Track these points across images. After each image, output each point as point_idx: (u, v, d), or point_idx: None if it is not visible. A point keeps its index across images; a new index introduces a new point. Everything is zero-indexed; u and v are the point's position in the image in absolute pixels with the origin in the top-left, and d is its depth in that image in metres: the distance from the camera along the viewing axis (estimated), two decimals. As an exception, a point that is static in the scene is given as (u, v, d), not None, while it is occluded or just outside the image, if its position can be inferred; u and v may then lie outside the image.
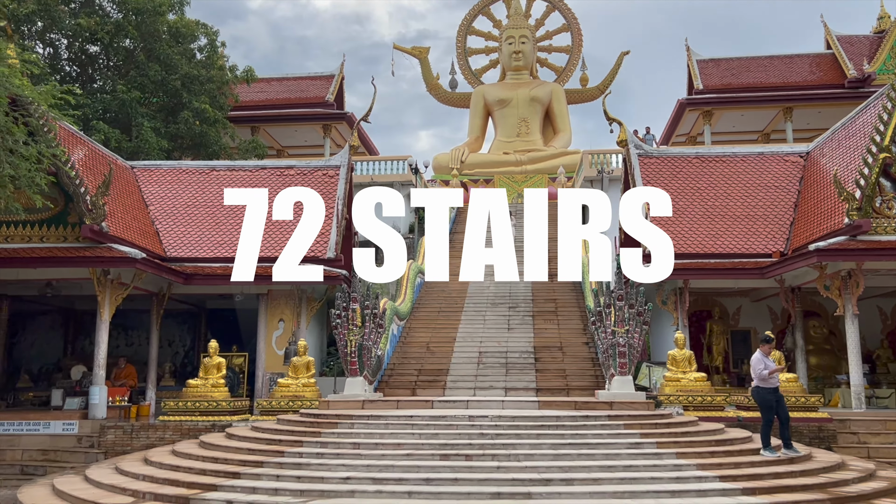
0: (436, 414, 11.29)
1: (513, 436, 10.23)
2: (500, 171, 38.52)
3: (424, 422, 10.83)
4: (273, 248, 18.83)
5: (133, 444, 14.24)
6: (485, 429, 10.48)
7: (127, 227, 17.38)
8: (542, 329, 19.01)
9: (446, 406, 12.98)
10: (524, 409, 12.78)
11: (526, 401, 13.51)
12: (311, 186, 20.76)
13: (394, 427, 10.74)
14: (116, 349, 21.95)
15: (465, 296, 21.67)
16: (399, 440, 10.15)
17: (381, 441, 10.12)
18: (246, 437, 11.38)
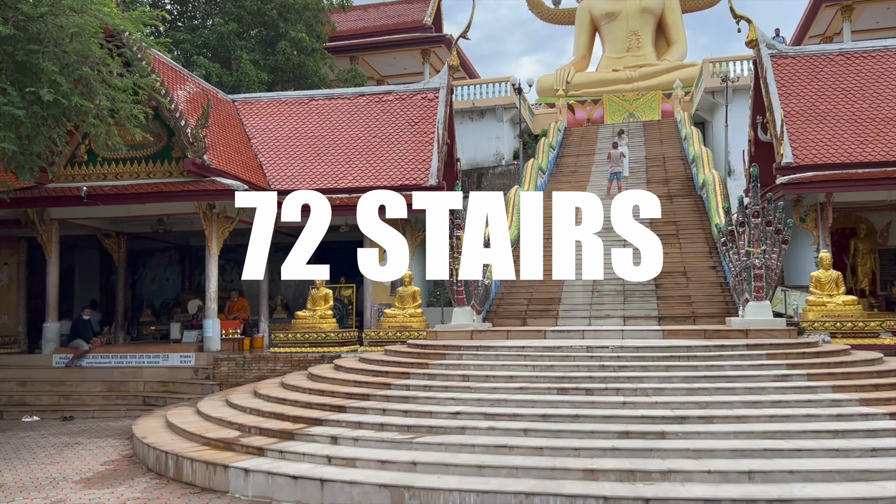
0: (550, 344, 10.41)
1: (638, 368, 9.22)
2: (609, 90, 36.36)
3: (538, 353, 9.98)
4: (369, 177, 18.28)
5: (245, 375, 14.30)
6: (605, 360, 9.52)
7: (230, 161, 17.22)
8: (663, 254, 17.55)
9: (560, 336, 12.08)
10: (647, 339, 11.67)
11: (648, 330, 12.38)
12: (410, 111, 19.91)
13: (505, 358, 9.98)
14: (231, 283, 22.40)
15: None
16: (511, 372, 9.38)
17: (491, 373, 9.38)
18: (352, 369, 10.97)
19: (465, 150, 29.19)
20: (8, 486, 8.08)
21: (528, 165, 23.94)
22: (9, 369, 15.93)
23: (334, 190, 18.17)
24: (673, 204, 21.07)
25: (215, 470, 7.56)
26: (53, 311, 16.65)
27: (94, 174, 16.45)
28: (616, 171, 22.41)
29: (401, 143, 19.12)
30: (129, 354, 15.91)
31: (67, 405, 14.62)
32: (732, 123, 25.77)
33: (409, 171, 18.32)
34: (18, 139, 12.02)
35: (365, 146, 19.23)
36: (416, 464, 6.97)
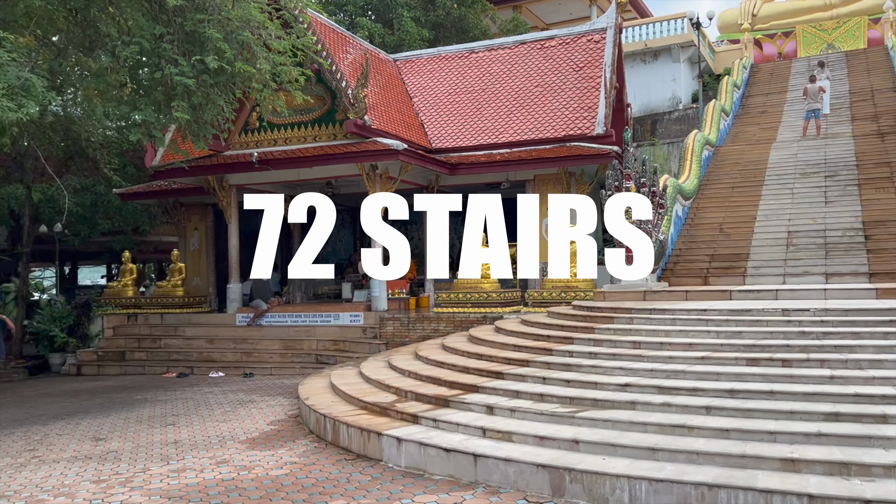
0: (736, 307, 9.12)
1: (848, 335, 7.75)
2: (803, 20, 32.32)
3: (722, 316, 8.76)
4: (531, 129, 17.38)
5: (409, 335, 14.22)
6: (805, 325, 8.13)
7: (391, 120, 17.09)
8: (873, 200, 15.16)
9: (749, 297, 10.69)
10: (857, 300, 9.98)
11: (857, 289, 10.60)
12: (574, 56, 18.65)
13: (683, 322, 8.86)
14: (401, 243, 22.63)
15: (766, 166, 18.25)
16: (690, 339, 8.28)
17: (666, 340, 8.35)
18: (513, 332, 10.37)
19: (637, 95, 27.25)
20: (182, 443, 8.40)
21: (708, 107, 21.76)
22: (199, 327, 17.13)
23: (494, 145, 17.52)
24: (884, 142, 18.21)
25: (369, 437, 7.31)
26: (235, 273, 17.62)
27: (265, 140, 17.03)
28: (813, 108, 19.74)
29: (565, 90, 17.99)
30: (303, 314, 16.48)
31: (248, 362, 15.42)
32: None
33: (573, 120, 17.21)
34: (191, 108, 12.50)
35: (526, 97, 18.32)
36: (578, 442, 6.24)
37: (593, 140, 16.54)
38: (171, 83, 12.12)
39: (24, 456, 8.03)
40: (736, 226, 15.47)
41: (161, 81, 12.36)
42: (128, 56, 12.21)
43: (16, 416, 10.79)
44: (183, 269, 18.95)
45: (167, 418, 9.99)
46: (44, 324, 17.08)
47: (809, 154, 18.34)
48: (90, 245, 24.27)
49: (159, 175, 17.40)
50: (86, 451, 8.18)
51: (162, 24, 12.17)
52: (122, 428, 9.42)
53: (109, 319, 17.59)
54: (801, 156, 18.37)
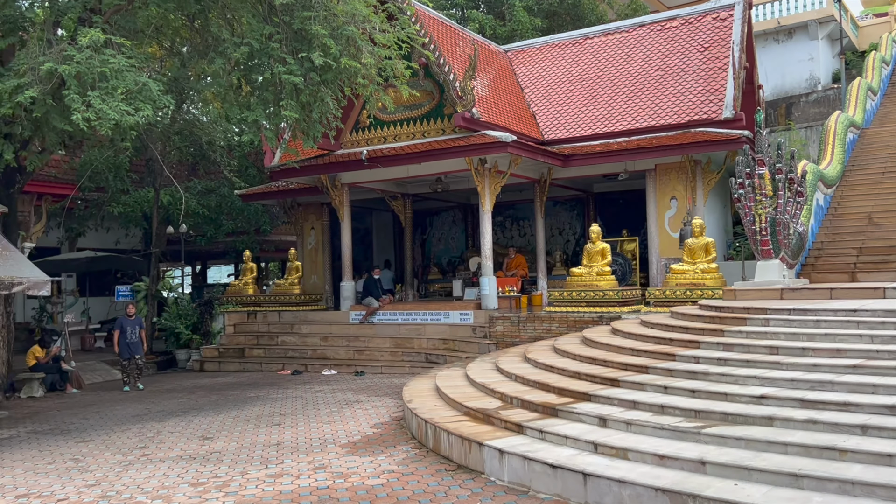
0: (894, 307, 7.89)
1: None
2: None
3: (877, 318, 7.58)
4: (650, 116, 16.28)
5: (520, 335, 13.61)
6: None
7: (501, 113, 16.54)
8: None
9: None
10: None
11: None
12: (698, 36, 17.35)
13: (828, 325, 7.75)
14: (511, 240, 22.08)
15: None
16: (838, 344, 7.20)
17: (809, 345, 7.30)
18: (630, 334, 9.55)
19: (770, 77, 25.19)
20: (284, 445, 8.25)
21: (853, 86, 19.70)
22: (314, 325, 17.30)
23: (611, 134, 16.57)
24: None
25: (470, 447, 6.81)
26: (348, 271, 17.67)
27: (375, 138, 16.94)
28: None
29: (688, 73, 16.74)
30: (413, 312, 16.26)
31: (360, 360, 15.36)
32: None
33: (697, 104, 15.96)
34: (300, 107, 12.49)
35: (646, 82, 17.22)
36: (704, 463, 5.44)
37: (721, 125, 15.25)
38: (280, 82, 12.17)
39: (134, 454, 8.14)
40: (888, 215, 13.78)
41: (270, 81, 12.44)
42: (239, 57, 12.37)
43: (135, 411, 11.14)
44: (300, 267, 19.26)
45: (274, 418, 9.95)
46: (170, 321, 17.83)
47: (978, 133, 16.11)
48: (217, 245, 25.34)
49: (275, 175, 17.73)
50: (192, 450, 8.19)
51: (271, 25, 12.24)
52: (230, 427, 9.44)
53: (230, 317, 18.14)
54: (967, 135, 16.18)
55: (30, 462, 7.97)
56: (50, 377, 13.89)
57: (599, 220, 20.54)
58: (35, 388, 13.44)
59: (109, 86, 10.46)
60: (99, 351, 20.15)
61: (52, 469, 7.59)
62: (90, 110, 10.21)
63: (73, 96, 10.29)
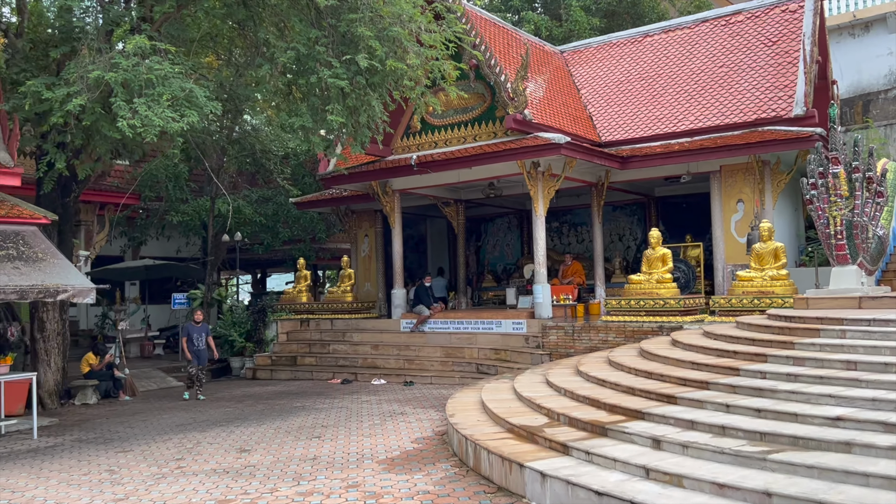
0: None
1: None
2: None
3: (973, 331, 6.75)
4: (714, 114, 15.44)
5: (575, 345, 13.00)
6: None
7: (555, 114, 15.99)
8: None
9: None
10: None
11: None
12: (766, 30, 16.41)
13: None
14: (567, 246, 21.45)
15: None
16: (928, 360, 6.41)
17: (893, 360, 6.52)
18: (692, 346, 8.86)
19: (845, 74, 23.77)
20: (320, 459, 7.93)
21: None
22: (365, 333, 17.06)
23: (672, 134, 15.78)
24: None
25: (511, 467, 6.31)
26: (399, 278, 17.37)
27: (425, 143, 16.62)
28: None
29: (754, 69, 15.82)
30: (464, 320, 15.82)
31: (410, 369, 15.00)
32: None
33: (765, 102, 15.04)
34: (347, 111, 12.26)
35: (709, 80, 16.37)
36: (770, 494, 4.81)
37: (791, 123, 14.32)
38: (326, 87, 11.96)
39: (169, 466, 7.95)
40: (982, 217, 12.59)
41: (317, 85, 12.25)
42: (286, 62, 12.24)
43: (180, 420, 11.05)
44: (352, 275, 19.08)
45: (315, 430, 9.66)
46: (224, 329, 17.89)
47: None
48: (276, 253, 25.50)
49: (327, 183, 17.63)
50: (227, 463, 7.95)
51: (318, 29, 12.06)
52: (269, 439, 9.19)
53: (283, 325, 18.08)
54: None
55: (66, 472, 7.87)
56: (104, 384, 14.02)
57: (661, 224, 19.73)
58: (89, 395, 13.58)
59: (155, 92, 10.43)
60: (157, 358, 20.45)
61: (86, 480, 7.46)
62: (136, 117, 10.19)
63: (120, 103, 10.30)
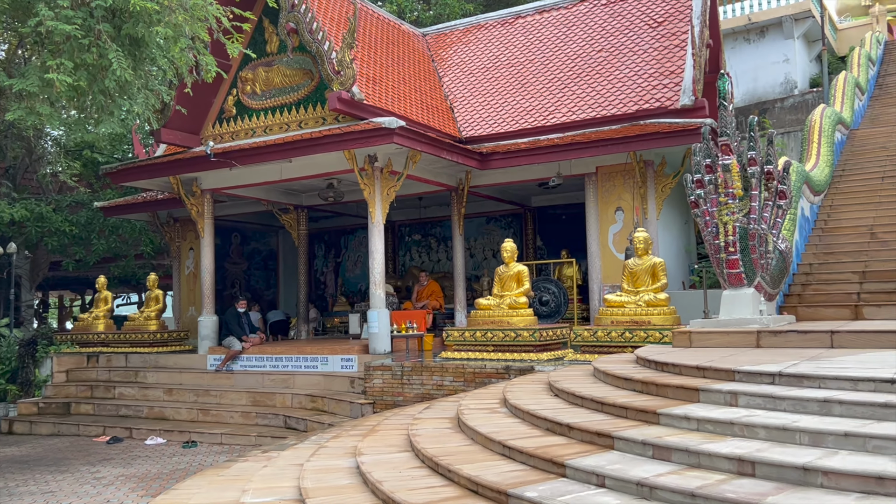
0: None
1: None
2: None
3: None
4: (590, 105, 12.87)
5: (404, 392, 9.89)
6: None
7: (403, 98, 13.01)
8: None
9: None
10: None
11: None
12: (650, 10, 14.02)
13: (848, 412, 4.14)
14: (437, 263, 18.52)
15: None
16: (874, 462, 3.59)
17: (816, 462, 3.68)
18: (519, 411, 5.88)
19: (741, 80, 22.16)
20: None
21: (838, 80, 16.52)
22: (163, 372, 13.41)
23: (542, 129, 13.09)
24: None
25: None
26: (209, 302, 13.85)
27: (242, 130, 13.27)
28: None
29: (637, 53, 13.37)
30: (284, 356, 12.49)
31: (202, 423, 11.52)
32: None
33: (649, 90, 12.56)
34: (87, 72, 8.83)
35: (586, 65, 13.83)
36: None
37: (677, 114, 11.89)
38: (45, 33, 8.54)
39: None
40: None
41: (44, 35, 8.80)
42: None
43: None
44: (160, 297, 15.37)
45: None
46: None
47: None
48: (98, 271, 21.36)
49: (113, 178, 13.96)
50: None
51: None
52: None
53: (62, 361, 14.17)
54: (982, 133, 12.93)
55: None
56: None
57: (539, 238, 17.09)
58: None
59: None
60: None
61: None
62: None
63: None
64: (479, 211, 16.94)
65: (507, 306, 9.98)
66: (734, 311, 7.67)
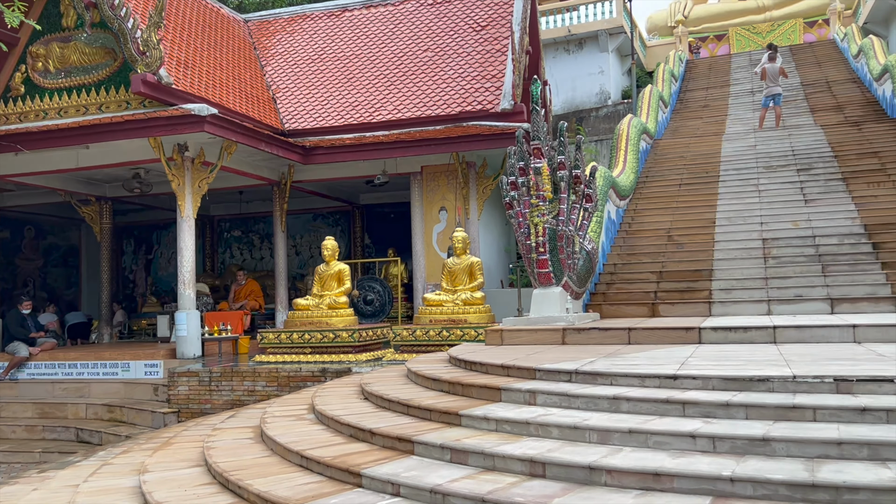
0: (732, 371, 4.68)
1: None
2: (736, 23, 29.80)
3: (714, 395, 4.27)
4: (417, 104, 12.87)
5: (212, 399, 9.28)
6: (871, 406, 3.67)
7: (219, 85, 12.25)
8: (869, 198, 11.22)
9: (731, 338, 6.38)
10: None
11: None
12: (475, 14, 14.28)
13: (634, 408, 4.29)
14: (260, 261, 17.76)
15: (719, 160, 14.29)
16: (654, 459, 3.73)
17: (602, 461, 3.76)
18: (326, 418, 5.61)
19: (561, 89, 23.33)
20: None
21: (644, 93, 17.80)
22: (-69, 383, 11.67)
23: (368, 125, 12.89)
24: (862, 131, 14.54)
25: None
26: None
27: (31, 112, 11.82)
28: (774, 92, 16.02)
29: (462, 56, 13.55)
30: (80, 363, 11.29)
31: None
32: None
33: (472, 92, 12.76)
34: None
35: (413, 64, 13.81)
36: None
37: (498, 118, 12.15)
38: None
39: None
40: (690, 233, 11.26)
41: None
42: None
43: None
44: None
45: None
46: None
47: (772, 145, 14.47)
48: None
49: None
50: None
51: None
52: None
53: None
54: (761, 147, 14.48)
55: None
56: None
57: (368, 236, 16.90)
58: None
59: None
60: None
61: None
62: None
63: None
64: (305, 207, 16.45)
65: (326, 306, 9.66)
66: (543, 310, 7.91)
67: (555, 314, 7.77)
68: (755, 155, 14.08)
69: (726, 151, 14.64)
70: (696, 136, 16.91)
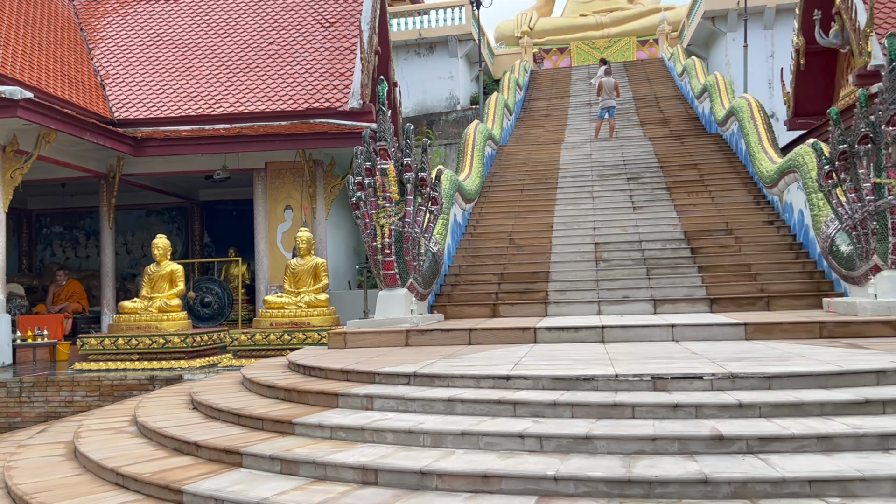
0: (561, 371, 4.87)
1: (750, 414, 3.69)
2: (577, 38, 31.53)
3: (543, 394, 4.41)
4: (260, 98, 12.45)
5: (23, 412, 8.40)
6: (711, 415, 3.96)
7: (37, 68, 11.15)
8: (689, 206, 12.19)
9: (563, 338, 6.68)
10: (727, 342, 6.32)
11: (716, 324, 6.93)
12: (323, 10, 14.03)
13: (469, 410, 4.34)
14: (86, 260, 16.41)
15: (558, 167, 14.96)
16: (483, 460, 3.78)
17: (433, 465, 3.75)
18: (148, 430, 5.22)
19: (412, 92, 23.51)
20: None
21: (490, 100, 18.32)
22: None
23: (207, 118, 12.27)
24: (684, 145, 15.81)
25: None
26: None
27: None
28: (609, 105, 17.01)
29: (309, 52, 13.25)
30: None
31: None
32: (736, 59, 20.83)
33: (319, 89, 12.51)
34: None
35: (258, 57, 13.33)
36: None
37: (346, 116, 12.00)
38: None
39: None
40: (530, 236, 11.70)
41: None
42: None
43: None
44: None
45: None
46: None
47: (605, 155, 15.38)
48: None
49: None
50: None
51: None
52: None
53: None
54: (596, 157, 15.35)
55: None
56: None
57: (207, 235, 16.09)
58: None
59: None
60: None
61: None
62: None
63: None
64: (137, 202, 15.40)
65: (156, 309, 9.05)
66: (388, 311, 7.87)
67: (400, 316, 7.76)
68: (591, 164, 14.89)
69: (565, 159, 15.36)
70: (538, 143, 17.62)
